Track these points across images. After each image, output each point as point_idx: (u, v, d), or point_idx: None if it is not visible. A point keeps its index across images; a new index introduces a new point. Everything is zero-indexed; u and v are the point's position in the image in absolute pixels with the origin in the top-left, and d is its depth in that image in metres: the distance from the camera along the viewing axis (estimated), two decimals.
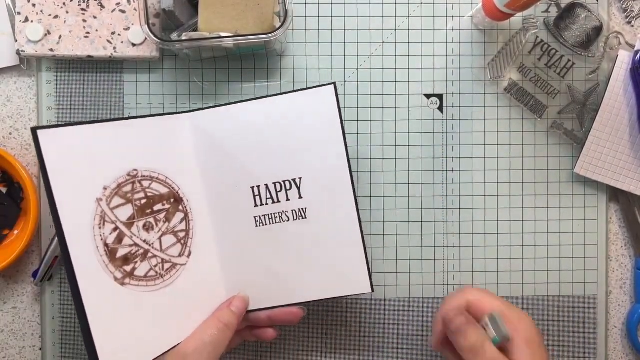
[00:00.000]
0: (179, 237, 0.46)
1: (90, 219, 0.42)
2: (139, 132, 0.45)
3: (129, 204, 0.44)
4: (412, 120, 0.55)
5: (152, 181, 0.46)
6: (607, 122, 0.54)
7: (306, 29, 0.54)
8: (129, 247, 0.44)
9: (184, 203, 0.47)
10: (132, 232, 0.44)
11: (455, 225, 0.55)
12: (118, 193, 0.44)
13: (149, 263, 0.45)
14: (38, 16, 0.51)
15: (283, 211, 0.48)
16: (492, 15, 0.51)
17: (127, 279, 0.44)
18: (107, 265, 0.43)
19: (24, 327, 0.54)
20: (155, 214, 0.45)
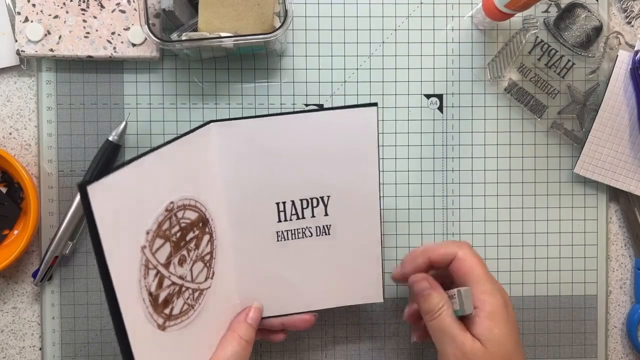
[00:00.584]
0: (205, 261, 0.45)
1: (137, 270, 0.37)
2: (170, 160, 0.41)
3: (167, 242, 0.40)
4: (412, 120, 0.55)
5: (185, 210, 0.43)
6: (607, 122, 0.54)
7: (306, 29, 0.54)
8: (167, 287, 0.41)
9: (210, 224, 0.45)
10: (170, 272, 0.41)
11: (455, 225, 0.55)
12: (159, 234, 0.40)
13: (182, 298, 0.42)
14: (38, 16, 0.51)
15: (307, 227, 0.48)
16: (492, 15, 0.51)
17: (167, 322, 0.40)
18: (151, 314, 0.39)
19: (23, 327, 0.54)
20: (188, 243, 0.43)
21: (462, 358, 0.42)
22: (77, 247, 0.54)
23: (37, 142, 0.54)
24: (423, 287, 0.46)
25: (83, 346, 0.54)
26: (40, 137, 0.54)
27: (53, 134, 0.54)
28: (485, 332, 0.43)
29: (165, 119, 0.54)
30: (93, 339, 0.54)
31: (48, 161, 0.54)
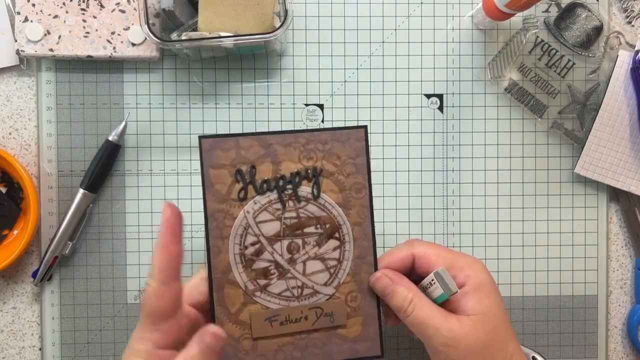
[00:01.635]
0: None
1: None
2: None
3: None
4: (412, 120, 0.55)
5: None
6: (608, 122, 0.54)
7: (306, 29, 0.54)
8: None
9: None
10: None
11: (455, 225, 0.55)
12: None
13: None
14: (38, 16, 0.51)
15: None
16: (493, 15, 0.51)
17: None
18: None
19: (23, 327, 0.54)
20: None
21: (454, 345, 0.40)
22: (77, 247, 0.54)
23: (36, 142, 0.54)
24: (384, 284, 0.43)
25: (83, 346, 0.54)
26: (40, 137, 0.54)
27: (53, 134, 0.54)
28: (477, 305, 0.41)
29: (165, 118, 0.54)
30: (93, 339, 0.54)
31: (48, 161, 0.54)
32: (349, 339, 0.44)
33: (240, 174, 0.43)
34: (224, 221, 0.43)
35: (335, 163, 0.44)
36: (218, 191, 0.43)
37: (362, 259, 0.44)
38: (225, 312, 0.43)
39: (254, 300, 0.43)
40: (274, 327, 0.44)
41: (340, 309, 0.44)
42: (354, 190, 0.44)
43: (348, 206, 0.44)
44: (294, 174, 0.43)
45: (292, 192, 0.43)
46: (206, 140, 0.43)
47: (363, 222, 0.44)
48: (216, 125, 0.54)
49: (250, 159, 0.43)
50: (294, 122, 0.54)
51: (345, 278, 0.44)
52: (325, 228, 0.44)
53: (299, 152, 0.44)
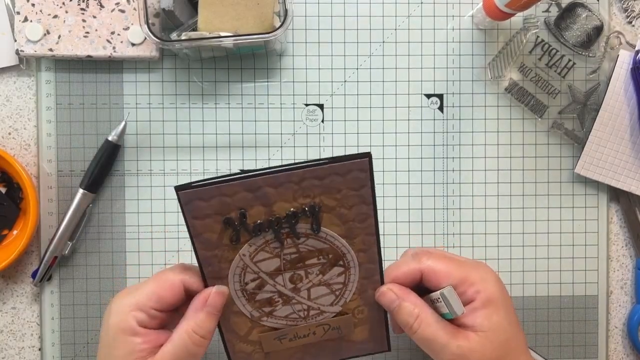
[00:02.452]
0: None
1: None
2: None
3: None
4: (412, 120, 0.55)
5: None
6: (608, 122, 0.54)
7: (306, 29, 0.54)
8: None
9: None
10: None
11: (455, 225, 0.55)
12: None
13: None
14: (37, 16, 0.51)
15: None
16: (493, 14, 0.51)
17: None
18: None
19: (23, 328, 0.54)
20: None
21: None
22: (77, 248, 0.54)
23: (36, 142, 0.54)
24: (390, 299, 0.41)
25: (82, 346, 0.54)
26: (40, 137, 0.54)
27: (52, 134, 0.53)
28: (485, 322, 0.40)
29: (165, 118, 0.54)
30: (92, 339, 0.54)
31: (47, 161, 0.54)
32: (357, 342, 0.44)
33: (229, 221, 0.39)
34: (219, 265, 0.40)
35: (335, 197, 0.39)
36: (208, 239, 0.39)
37: (368, 279, 0.42)
38: (234, 336, 0.43)
39: (261, 324, 0.42)
40: (284, 344, 0.43)
41: (348, 322, 0.43)
42: (358, 221, 0.40)
43: (352, 236, 0.41)
44: (290, 215, 0.39)
45: (289, 230, 0.40)
46: (184, 192, 0.38)
47: (368, 249, 0.41)
48: (216, 125, 0.54)
49: (238, 205, 0.38)
50: (294, 122, 0.54)
51: (352, 297, 0.43)
52: (329, 258, 0.41)
53: (292, 192, 0.39)
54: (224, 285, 0.41)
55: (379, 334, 0.44)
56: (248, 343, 0.43)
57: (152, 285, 0.40)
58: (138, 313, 0.39)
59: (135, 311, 0.39)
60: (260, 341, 0.43)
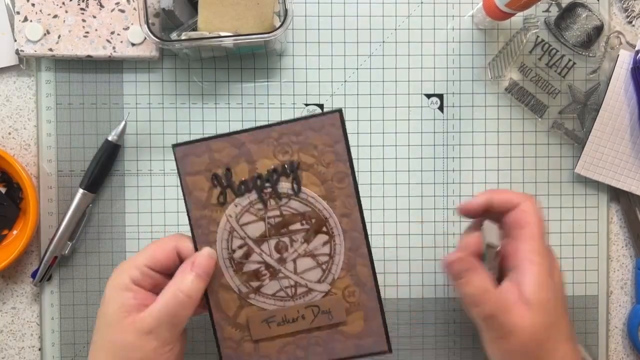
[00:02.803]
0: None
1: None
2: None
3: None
4: (412, 120, 0.55)
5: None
6: (608, 122, 0.54)
7: (306, 29, 0.54)
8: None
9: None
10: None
11: (455, 226, 0.55)
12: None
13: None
14: (37, 16, 0.51)
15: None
16: (493, 14, 0.51)
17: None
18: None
19: (23, 328, 0.54)
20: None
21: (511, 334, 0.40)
22: (77, 247, 0.54)
23: (36, 142, 0.54)
24: (459, 269, 0.41)
25: (82, 347, 0.54)
26: (40, 137, 0.54)
27: (52, 134, 0.53)
28: (532, 297, 0.40)
29: (165, 118, 0.54)
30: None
31: (47, 161, 0.54)
32: (352, 335, 0.43)
33: (217, 178, 0.42)
34: (208, 227, 0.42)
35: (312, 154, 0.42)
36: (198, 198, 0.42)
37: (355, 251, 0.43)
38: (223, 316, 0.43)
39: (249, 302, 0.43)
40: (272, 328, 0.43)
41: (338, 305, 0.43)
42: (337, 180, 0.42)
43: (332, 197, 0.43)
44: (271, 171, 0.42)
45: (272, 190, 0.42)
46: (179, 148, 0.42)
47: (351, 213, 0.43)
48: (216, 125, 0.54)
49: (225, 161, 0.42)
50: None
51: (340, 273, 0.43)
52: (312, 223, 0.43)
53: (273, 148, 0.42)
54: (212, 250, 0.43)
55: (376, 326, 0.43)
56: (237, 327, 0.43)
57: (147, 248, 0.43)
58: (132, 270, 0.41)
59: (130, 269, 0.42)
60: (248, 325, 0.43)
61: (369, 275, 0.43)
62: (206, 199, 0.42)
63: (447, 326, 0.55)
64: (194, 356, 0.54)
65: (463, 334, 0.55)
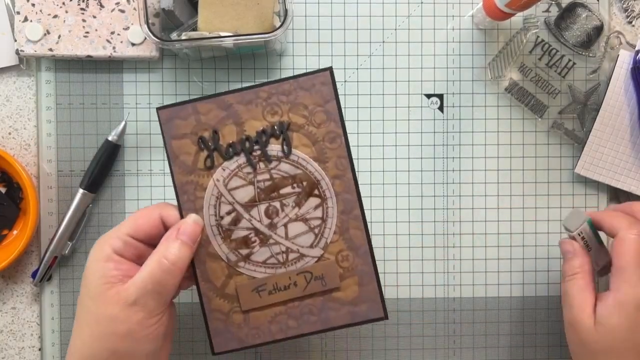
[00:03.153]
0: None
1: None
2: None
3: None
4: (412, 120, 0.55)
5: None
6: (608, 122, 0.54)
7: (306, 29, 0.54)
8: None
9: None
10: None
11: (455, 226, 0.55)
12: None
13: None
14: (37, 16, 0.51)
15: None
16: (493, 14, 0.51)
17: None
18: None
19: (23, 328, 0.54)
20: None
21: (571, 328, 0.44)
22: (77, 247, 0.54)
23: (36, 142, 0.54)
24: (567, 249, 0.46)
25: None
26: (40, 137, 0.54)
27: (52, 134, 0.53)
28: (604, 315, 0.42)
29: None
30: None
31: (47, 161, 0.54)
32: (347, 302, 0.42)
33: (203, 141, 0.41)
34: (194, 193, 0.41)
35: (303, 114, 0.41)
36: (184, 162, 0.41)
37: (348, 214, 0.41)
38: (210, 287, 0.41)
39: (238, 271, 0.41)
40: (263, 297, 0.41)
41: (332, 270, 0.41)
42: (328, 141, 0.41)
43: (324, 159, 0.41)
44: (260, 133, 0.41)
45: (261, 152, 0.41)
46: (163, 110, 0.41)
47: (343, 174, 0.41)
48: None
49: (211, 123, 0.41)
50: None
51: (333, 237, 0.41)
52: (303, 186, 0.41)
53: (262, 108, 0.41)
54: (198, 216, 0.41)
55: (371, 291, 0.42)
56: (225, 298, 0.42)
57: (130, 217, 0.41)
58: (114, 240, 0.40)
59: (112, 239, 0.40)
60: (237, 296, 0.41)
61: (363, 239, 0.42)
62: (192, 163, 0.41)
63: (447, 326, 0.55)
64: (195, 356, 0.54)
65: (463, 334, 0.55)
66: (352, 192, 0.41)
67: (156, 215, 0.41)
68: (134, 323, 0.38)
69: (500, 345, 0.55)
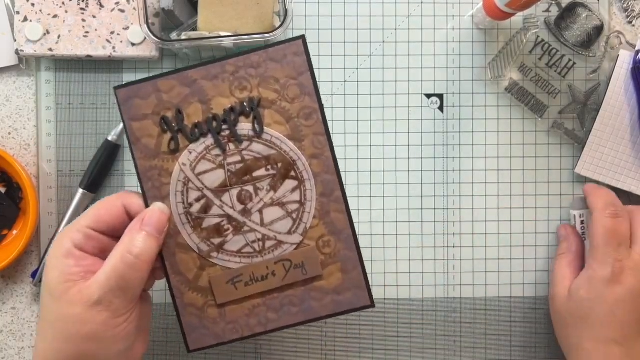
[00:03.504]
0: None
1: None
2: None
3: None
4: (412, 120, 0.55)
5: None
6: (608, 122, 0.54)
7: (306, 29, 0.54)
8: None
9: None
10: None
11: (455, 226, 0.55)
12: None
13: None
14: (37, 15, 0.51)
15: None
16: (493, 14, 0.51)
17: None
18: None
19: (22, 328, 0.54)
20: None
21: (551, 301, 0.51)
22: None
23: (36, 142, 0.54)
24: (560, 233, 0.53)
25: None
26: (40, 137, 0.53)
27: (52, 134, 0.53)
28: (575, 288, 0.47)
29: None
30: None
31: (47, 161, 0.54)
32: (330, 291, 0.39)
33: (166, 121, 0.37)
34: (159, 179, 0.38)
35: (274, 88, 0.38)
36: (146, 146, 0.38)
37: (329, 197, 0.38)
38: (182, 280, 0.39)
39: (211, 262, 0.39)
40: (239, 289, 0.39)
41: (312, 257, 0.39)
42: (303, 117, 0.38)
43: (299, 137, 0.38)
44: (228, 111, 0.38)
45: (230, 132, 0.38)
46: (121, 90, 0.37)
47: (321, 153, 0.38)
48: None
49: (175, 102, 0.37)
50: None
51: (312, 222, 0.39)
52: (278, 168, 0.38)
53: (229, 84, 0.37)
54: (164, 205, 0.38)
55: (355, 277, 0.39)
56: (198, 292, 0.39)
57: (91, 208, 0.38)
58: (74, 234, 0.37)
59: (72, 233, 0.37)
60: (211, 288, 0.39)
61: (345, 222, 0.39)
62: (155, 146, 0.38)
63: (447, 326, 0.55)
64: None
65: (463, 334, 0.55)
66: (332, 173, 0.38)
67: (119, 204, 0.38)
68: (99, 324, 0.35)
69: (501, 345, 0.55)
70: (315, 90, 0.38)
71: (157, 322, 0.54)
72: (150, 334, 0.53)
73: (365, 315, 0.54)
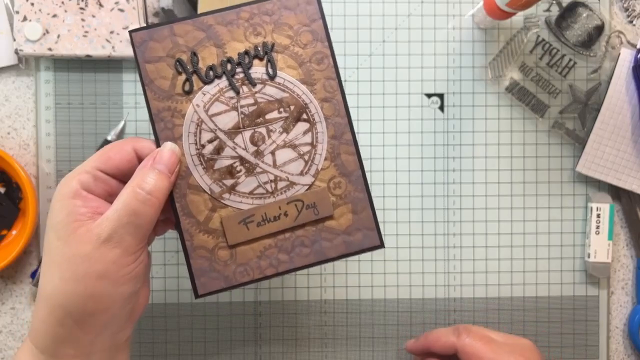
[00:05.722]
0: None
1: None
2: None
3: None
4: (412, 120, 0.54)
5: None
6: (609, 122, 0.54)
7: None
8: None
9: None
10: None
11: (456, 226, 0.55)
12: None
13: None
14: (36, 15, 0.51)
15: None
16: (493, 14, 0.50)
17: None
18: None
19: (22, 328, 0.54)
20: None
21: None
22: None
23: (35, 141, 0.54)
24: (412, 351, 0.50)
25: None
26: (39, 136, 0.53)
27: (51, 134, 0.53)
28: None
29: None
30: None
31: (46, 161, 0.53)
32: (341, 231, 0.39)
33: (181, 63, 0.38)
34: (172, 120, 0.38)
35: (287, 34, 0.39)
36: (159, 87, 0.38)
37: (339, 139, 0.39)
38: (192, 222, 0.39)
39: (223, 203, 0.39)
40: (251, 230, 0.39)
41: (324, 198, 0.39)
42: (315, 62, 0.39)
43: (311, 81, 0.39)
44: (242, 54, 0.39)
45: (244, 75, 0.39)
46: (137, 33, 0.38)
47: (332, 97, 0.39)
48: None
49: (190, 45, 0.38)
50: None
51: (324, 163, 0.39)
52: (290, 110, 0.39)
53: (243, 30, 0.38)
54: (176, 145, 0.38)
55: (366, 218, 0.40)
56: (209, 233, 0.39)
57: (100, 151, 0.37)
58: (82, 175, 0.36)
59: (80, 174, 0.36)
60: (223, 230, 0.39)
61: (355, 164, 0.40)
62: (169, 87, 0.38)
63: (447, 326, 0.55)
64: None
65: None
66: (343, 116, 0.39)
67: (129, 148, 0.37)
68: (110, 262, 0.34)
69: None
70: (327, 36, 0.39)
71: (157, 322, 0.53)
72: (150, 334, 0.53)
73: (366, 316, 0.54)
